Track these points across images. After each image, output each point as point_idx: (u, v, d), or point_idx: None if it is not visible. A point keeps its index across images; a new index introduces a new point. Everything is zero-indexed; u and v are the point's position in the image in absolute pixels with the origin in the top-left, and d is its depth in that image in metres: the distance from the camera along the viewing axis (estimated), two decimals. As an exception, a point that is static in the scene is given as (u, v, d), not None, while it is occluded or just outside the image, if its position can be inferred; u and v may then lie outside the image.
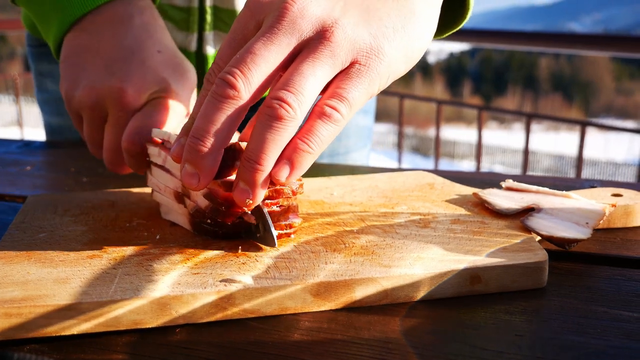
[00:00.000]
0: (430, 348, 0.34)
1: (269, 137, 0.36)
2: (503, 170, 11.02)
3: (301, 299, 0.38)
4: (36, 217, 0.49)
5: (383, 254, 0.41)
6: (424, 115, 11.22)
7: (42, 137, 0.93)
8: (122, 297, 0.36)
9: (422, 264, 0.40)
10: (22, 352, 0.34)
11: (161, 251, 0.42)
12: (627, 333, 0.35)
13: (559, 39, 2.97)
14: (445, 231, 0.45)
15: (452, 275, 0.39)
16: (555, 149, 12.36)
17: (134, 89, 0.52)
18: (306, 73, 0.37)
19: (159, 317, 0.36)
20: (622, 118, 19.28)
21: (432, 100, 4.42)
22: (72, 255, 0.41)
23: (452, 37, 3.27)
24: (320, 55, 0.38)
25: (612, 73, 23.37)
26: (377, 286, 0.38)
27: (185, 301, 0.36)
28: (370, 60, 0.39)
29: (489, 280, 0.40)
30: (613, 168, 11.02)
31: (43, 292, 0.36)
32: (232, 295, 0.37)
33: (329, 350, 0.34)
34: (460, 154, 12.26)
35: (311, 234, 0.44)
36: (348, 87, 0.38)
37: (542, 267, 0.40)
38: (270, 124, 0.36)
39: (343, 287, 0.38)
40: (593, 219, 0.46)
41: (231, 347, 0.35)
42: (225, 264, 0.40)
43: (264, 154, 0.37)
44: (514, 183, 0.53)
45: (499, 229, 0.45)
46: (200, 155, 0.38)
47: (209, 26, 0.73)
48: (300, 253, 0.41)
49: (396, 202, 0.51)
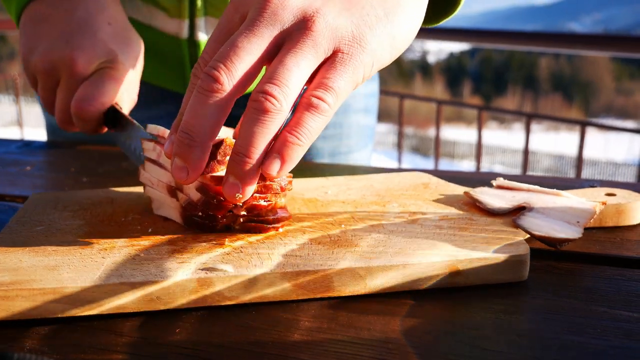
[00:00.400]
0: (430, 348, 0.34)
1: (257, 131, 0.37)
2: (503, 170, 11.02)
3: (280, 288, 0.38)
4: (36, 212, 0.50)
5: (366, 247, 0.42)
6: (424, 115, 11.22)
7: (42, 137, 0.93)
8: (105, 283, 0.37)
9: (402, 256, 0.40)
10: (22, 352, 0.34)
11: (151, 243, 0.43)
12: (627, 333, 0.35)
13: (558, 39, 2.97)
14: (432, 227, 0.45)
15: (431, 267, 0.40)
16: (555, 149, 12.36)
17: (84, 58, 0.58)
18: (290, 65, 0.37)
19: (140, 302, 0.37)
20: (622, 118, 19.28)
21: (432, 100, 4.42)
22: (65, 245, 0.43)
23: (452, 37, 3.24)
24: (302, 46, 0.38)
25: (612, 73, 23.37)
26: (355, 277, 0.39)
27: (166, 287, 0.37)
28: (353, 49, 0.39)
29: (468, 273, 0.40)
30: (613, 168, 11.02)
31: (31, 277, 0.38)
32: (212, 282, 0.38)
33: (329, 350, 0.34)
34: (460, 154, 12.26)
35: (299, 229, 0.45)
36: (333, 76, 0.38)
37: (522, 261, 0.41)
38: (257, 117, 0.37)
39: (321, 277, 0.39)
40: (584, 217, 0.46)
41: (231, 347, 0.35)
42: (210, 254, 0.41)
43: (253, 147, 0.37)
44: (505, 181, 0.53)
45: (486, 225, 0.46)
46: (188, 148, 0.38)
47: (200, 12, 0.74)
48: (285, 245, 0.42)
49: (388, 200, 0.52)
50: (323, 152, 0.87)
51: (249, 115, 0.37)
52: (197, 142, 0.38)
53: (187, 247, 0.42)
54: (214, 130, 0.38)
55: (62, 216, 0.49)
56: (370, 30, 0.40)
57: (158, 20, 0.75)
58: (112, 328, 0.37)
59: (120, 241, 0.43)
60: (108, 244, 0.43)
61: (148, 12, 0.76)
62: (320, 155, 0.87)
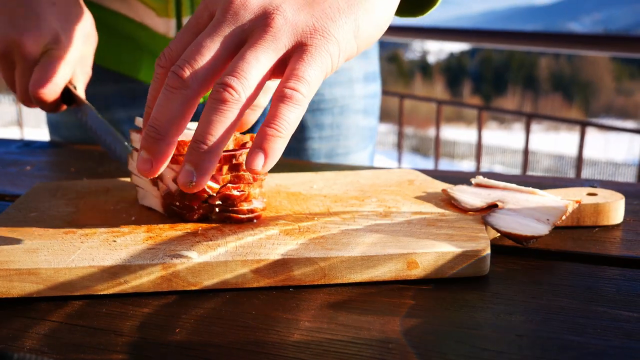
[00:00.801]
0: (430, 348, 0.34)
1: (214, 119, 0.38)
2: (503, 170, 11.02)
3: (241, 275, 0.40)
4: (34, 200, 0.53)
5: (331, 238, 0.43)
6: (424, 116, 11.23)
7: (42, 137, 0.93)
8: (76, 265, 0.39)
9: (363, 247, 0.41)
10: (22, 352, 0.34)
11: (130, 230, 0.45)
12: (627, 333, 0.35)
13: (558, 39, 2.97)
14: (403, 223, 0.46)
15: (387, 258, 0.40)
16: (555, 149, 12.37)
17: (30, 41, 0.62)
18: (249, 58, 0.39)
19: (109, 285, 0.40)
20: (622, 118, 19.29)
21: (432, 101, 4.42)
22: (50, 231, 0.45)
23: (452, 37, 3.23)
24: (262, 41, 0.39)
25: (612, 73, 23.37)
26: (313, 265, 0.40)
27: (132, 271, 0.40)
28: (316, 40, 0.40)
29: (426, 265, 0.41)
30: (613, 168, 11.03)
31: (10, 258, 0.40)
32: (176, 268, 0.40)
33: (328, 350, 0.34)
34: (460, 154, 12.27)
35: (274, 220, 0.47)
36: (301, 66, 0.39)
37: (479, 256, 0.41)
38: (216, 107, 0.38)
39: (281, 266, 0.40)
40: (554, 215, 0.46)
41: (231, 347, 0.35)
42: (181, 242, 0.43)
43: (210, 135, 0.38)
44: (483, 179, 0.54)
45: (454, 221, 0.46)
46: (154, 142, 0.39)
47: (186, 11, 0.76)
48: (254, 235, 0.44)
49: (368, 195, 0.53)
50: (320, 153, 0.87)
51: (208, 105, 0.38)
52: (163, 135, 0.39)
53: (161, 235, 0.44)
54: (180, 125, 0.39)
55: (57, 204, 0.52)
56: (333, 22, 0.41)
57: (149, 19, 0.77)
58: (112, 328, 0.37)
59: (102, 228, 0.46)
60: (90, 230, 0.45)
61: (140, 11, 0.77)
62: (317, 156, 0.87)
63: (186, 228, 0.45)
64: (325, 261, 0.40)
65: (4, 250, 0.42)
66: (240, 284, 0.40)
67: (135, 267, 0.40)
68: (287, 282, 0.41)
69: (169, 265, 0.40)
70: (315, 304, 0.39)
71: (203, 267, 0.40)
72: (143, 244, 0.42)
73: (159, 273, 0.40)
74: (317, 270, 0.40)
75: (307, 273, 0.40)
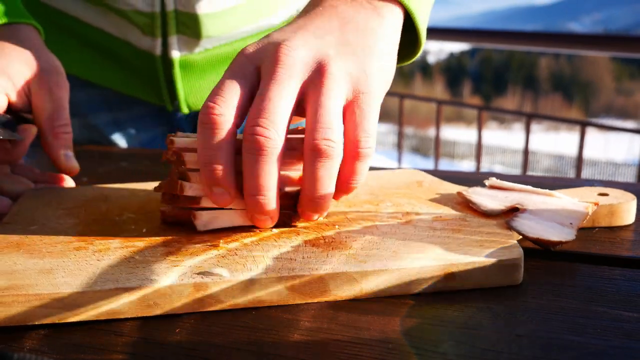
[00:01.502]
0: (431, 348, 0.34)
1: (320, 174, 0.42)
2: (503, 170, 11.02)
3: (276, 293, 0.38)
4: (30, 210, 0.50)
5: (360, 249, 0.41)
6: (423, 116, 11.23)
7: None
8: (101, 288, 0.37)
9: (396, 260, 0.40)
10: (22, 352, 0.34)
11: (145, 244, 0.43)
12: (627, 333, 0.35)
13: (558, 39, 2.97)
14: (426, 229, 0.45)
15: (426, 272, 0.39)
16: (555, 149, 12.37)
17: None
18: (328, 106, 0.42)
19: (137, 308, 0.37)
20: (622, 118, 19.29)
21: (432, 100, 4.42)
22: (59, 247, 0.42)
23: (452, 37, 3.24)
24: (326, 90, 0.42)
25: (612, 73, 23.36)
26: (350, 281, 0.39)
27: (162, 292, 0.37)
28: (368, 87, 0.44)
29: (463, 277, 0.40)
30: (613, 168, 11.03)
31: (27, 281, 0.37)
32: (208, 287, 0.38)
33: (328, 350, 0.34)
34: (460, 154, 12.27)
35: (294, 231, 0.45)
36: (364, 120, 0.43)
37: (516, 265, 0.41)
38: (318, 161, 0.41)
39: (317, 282, 0.39)
40: (577, 218, 0.46)
41: (231, 347, 0.35)
42: (204, 256, 0.41)
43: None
44: (498, 181, 0.53)
45: (479, 226, 0.45)
46: (265, 206, 0.42)
47: (172, 30, 0.76)
48: (279, 247, 0.42)
49: (382, 199, 0.52)
50: None
51: (309, 160, 0.41)
52: (269, 198, 0.41)
53: (181, 249, 0.42)
54: (275, 179, 0.41)
55: (55, 214, 0.49)
56: (370, 69, 0.44)
57: (133, 36, 0.77)
58: (111, 328, 0.37)
59: (114, 242, 0.43)
60: (102, 245, 0.43)
61: (123, 27, 0.77)
62: None
63: (204, 240, 0.43)
64: (361, 275, 0.39)
65: (17, 272, 0.38)
66: (275, 302, 0.38)
67: (165, 287, 0.37)
68: (324, 298, 0.39)
69: (200, 285, 0.37)
70: (315, 304, 0.39)
71: (236, 284, 0.38)
72: (165, 261, 0.40)
73: (190, 293, 0.37)
74: (353, 285, 0.39)
75: (343, 287, 0.39)
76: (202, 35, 0.77)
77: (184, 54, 0.78)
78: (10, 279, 0.38)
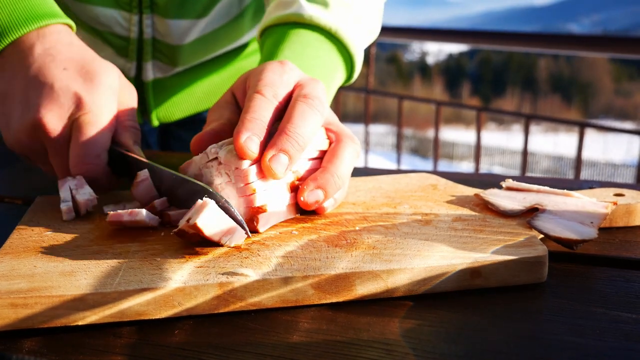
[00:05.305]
0: (430, 349, 0.34)
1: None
2: (502, 171, 11.03)
3: (302, 292, 0.38)
4: (44, 216, 0.50)
5: (384, 249, 0.41)
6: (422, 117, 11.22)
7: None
8: (126, 289, 0.36)
9: (422, 259, 0.40)
10: (21, 353, 0.34)
11: (165, 247, 0.43)
12: (626, 334, 0.35)
13: (557, 40, 2.98)
14: (447, 229, 0.45)
15: (453, 270, 0.39)
16: (554, 150, 12.37)
17: (51, 116, 0.52)
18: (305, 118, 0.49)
19: (162, 309, 0.37)
20: (621, 119, 19.29)
21: (431, 102, 4.41)
22: (78, 250, 0.42)
23: (451, 38, 3.24)
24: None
25: (611, 74, 23.37)
26: (377, 280, 0.39)
27: (188, 293, 0.37)
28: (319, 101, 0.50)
29: (489, 275, 0.40)
30: (612, 169, 11.03)
31: (49, 284, 0.37)
32: (234, 288, 0.37)
33: (328, 351, 0.34)
34: (459, 155, 12.27)
35: (314, 232, 0.45)
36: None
37: (541, 262, 0.41)
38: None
39: (344, 280, 0.39)
40: (597, 218, 0.46)
41: (230, 348, 0.35)
42: (228, 258, 0.40)
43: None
44: (515, 183, 0.53)
45: (500, 227, 0.45)
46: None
47: (148, 57, 0.77)
48: (302, 248, 0.42)
49: (399, 201, 0.52)
50: None
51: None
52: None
53: (203, 251, 0.42)
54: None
55: (69, 219, 0.49)
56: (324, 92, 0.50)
57: (106, 56, 0.76)
58: (111, 329, 0.37)
59: (133, 245, 0.43)
60: (121, 247, 0.43)
61: (96, 46, 0.76)
62: None
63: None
64: (388, 274, 0.39)
65: (38, 275, 0.38)
66: (300, 302, 0.39)
67: (190, 288, 0.37)
68: (348, 297, 0.39)
69: (226, 285, 0.37)
70: (315, 305, 0.39)
71: (262, 285, 0.38)
72: (188, 262, 0.40)
73: (216, 294, 0.37)
74: (379, 284, 0.39)
75: (369, 286, 0.39)
76: (178, 64, 0.79)
77: (157, 77, 0.80)
78: (31, 281, 0.37)
